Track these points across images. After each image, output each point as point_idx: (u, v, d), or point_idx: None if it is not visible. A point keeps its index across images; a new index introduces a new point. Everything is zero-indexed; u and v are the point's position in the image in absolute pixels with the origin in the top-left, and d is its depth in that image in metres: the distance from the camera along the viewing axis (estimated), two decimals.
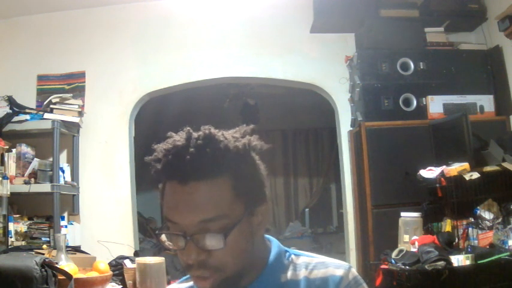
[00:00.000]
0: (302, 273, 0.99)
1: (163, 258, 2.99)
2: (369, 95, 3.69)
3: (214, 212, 0.89)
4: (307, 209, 7.51)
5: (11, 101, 3.76)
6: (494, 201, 3.03)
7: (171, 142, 0.92)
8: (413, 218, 3.17)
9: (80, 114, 3.83)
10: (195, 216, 0.88)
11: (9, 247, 3.17)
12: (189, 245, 0.89)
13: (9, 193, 3.25)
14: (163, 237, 0.96)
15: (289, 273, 1.00)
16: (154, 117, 6.08)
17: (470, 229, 2.98)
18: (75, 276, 2.53)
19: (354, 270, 1.00)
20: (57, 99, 3.75)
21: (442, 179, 3.02)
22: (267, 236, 1.04)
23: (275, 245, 1.03)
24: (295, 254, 1.04)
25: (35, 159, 3.63)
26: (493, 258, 2.72)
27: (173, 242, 0.93)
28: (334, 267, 0.99)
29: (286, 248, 1.05)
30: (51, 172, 3.56)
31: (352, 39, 4.05)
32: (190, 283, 1.06)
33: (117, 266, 3.07)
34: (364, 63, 3.73)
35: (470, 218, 3.03)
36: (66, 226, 3.71)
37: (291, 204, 7.67)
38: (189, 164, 0.88)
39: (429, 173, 3.12)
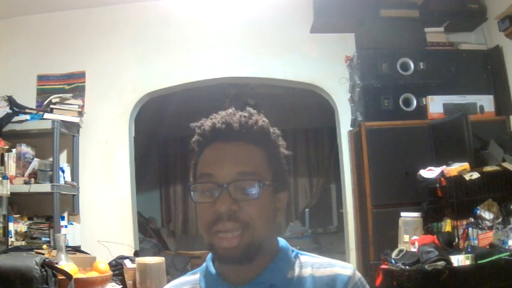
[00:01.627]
0: (308, 271, 1.03)
1: (163, 258, 3.00)
2: (369, 95, 3.69)
3: (251, 166, 0.99)
4: (307, 209, 7.52)
5: (11, 101, 3.76)
6: (494, 201, 3.03)
7: (220, 113, 1.04)
8: (413, 218, 3.17)
9: (80, 114, 3.83)
10: (234, 167, 0.98)
11: (9, 247, 3.17)
12: (223, 193, 0.95)
13: (9, 193, 3.25)
14: (195, 189, 1.00)
15: (296, 270, 1.03)
16: (154, 118, 6.09)
17: (470, 229, 2.98)
18: (75, 276, 2.53)
19: (358, 272, 1.04)
20: (57, 99, 3.76)
21: (442, 179, 3.02)
22: None
23: (283, 241, 1.08)
24: (300, 254, 1.08)
25: (35, 159, 3.63)
26: (493, 258, 2.72)
27: (205, 194, 0.98)
28: (340, 267, 1.03)
29: (292, 248, 1.09)
30: (51, 172, 3.56)
31: (352, 39, 4.05)
32: (196, 276, 1.09)
33: (117, 266, 3.08)
34: (364, 63, 3.73)
35: (470, 218, 3.03)
36: (66, 226, 3.71)
37: (291, 204, 7.67)
38: (234, 127, 1.00)
39: (429, 173, 3.12)
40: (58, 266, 2.55)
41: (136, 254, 3.68)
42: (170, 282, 1.12)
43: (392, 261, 2.94)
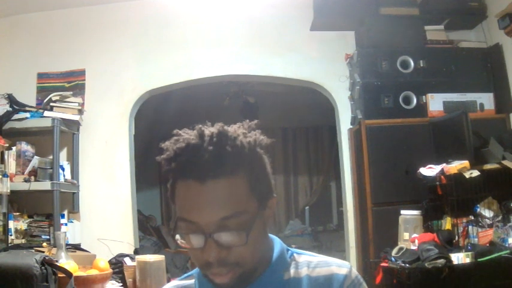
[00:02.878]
0: (304, 271, 1.00)
1: (163, 256, 3.00)
2: (369, 93, 3.69)
3: (233, 208, 0.88)
4: (307, 207, 7.52)
5: (11, 99, 3.76)
6: (494, 199, 3.04)
7: (184, 140, 0.91)
8: (413, 216, 3.17)
9: (80, 112, 3.83)
10: (216, 215, 0.88)
11: (9, 245, 3.17)
12: (209, 243, 0.88)
13: (9, 191, 3.26)
14: (178, 237, 0.93)
15: (292, 271, 1.00)
16: (154, 116, 6.09)
17: (470, 227, 2.98)
18: (75, 274, 2.53)
19: (354, 270, 1.01)
20: (57, 97, 3.75)
21: (442, 177, 3.03)
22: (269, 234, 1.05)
23: (277, 242, 1.04)
24: (296, 253, 1.05)
25: (35, 157, 3.63)
26: (493, 256, 2.72)
27: (190, 242, 0.91)
28: (336, 265, 1.00)
29: (288, 247, 1.06)
30: (51, 170, 3.56)
31: (352, 38, 4.05)
32: (192, 281, 1.06)
33: (117, 264, 3.08)
34: (364, 61, 3.73)
35: (470, 216, 3.03)
36: (66, 224, 3.71)
37: (291, 202, 7.68)
38: (206, 162, 0.87)
39: (429, 171, 3.13)
40: (58, 264, 2.55)
41: (136, 252, 3.68)
42: (164, 286, 1.09)
43: (392, 259, 2.94)
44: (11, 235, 3.34)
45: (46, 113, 3.67)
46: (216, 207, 0.88)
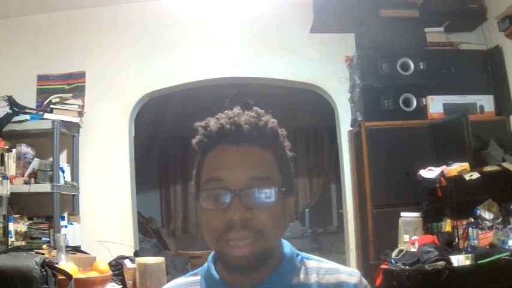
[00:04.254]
0: (313, 278, 1.00)
1: (163, 258, 3.01)
2: (369, 95, 3.69)
3: (264, 171, 0.94)
4: (307, 209, 7.51)
5: (11, 101, 3.76)
6: (494, 201, 3.04)
7: (225, 113, 0.98)
8: (413, 218, 3.17)
9: (80, 114, 3.83)
10: (247, 172, 0.93)
11: (9, 247, 3.17)
12: (236, 200, 0.91)
13: (9, 193, 3.25)
14: (202, 196, 0.95)
15: (301, 276, 1.00)
16: (154, 118, 6.09)
17: (470, 229, 2.98)
18: (75, 276, 2.53)
19: (363, 279, 1.02)
20: (57, 99, 3.76)
21: (442, 179, 3.02)
22: None
23: (287, 245, 1.04)
24: (306, 258, 1.05)
25: (35, 159, 3.63)
26: (493, 258, 2.72)
27: (216, 201, 0.93)
28: (346, 274, 1.00)
29: (297, 251, 1.06)
30: (51, 172, 3.55)
31: (352, 39, 4.05)
32: (197, 278, 1.06)
33: (117, 266, 3.08)
34: (364, 63, 3.73)
35: (470, 218, 3.03)
36: (66, 226, 3.71)
37: None
38: (244, 129, 0.94)
39: (429, 173, 3.12)
40: (58, 266, 2.55)
41: (136, 254, 3.68)
42: (169, 282, 1.09)
43: (392, 261, 2.94)
44: (11, 237, 3.34)
45: (46, 115, 3.67)
46: (247, 166, 0.93)
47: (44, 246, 3.22)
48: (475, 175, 2.95)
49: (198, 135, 0.99)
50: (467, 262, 2.75)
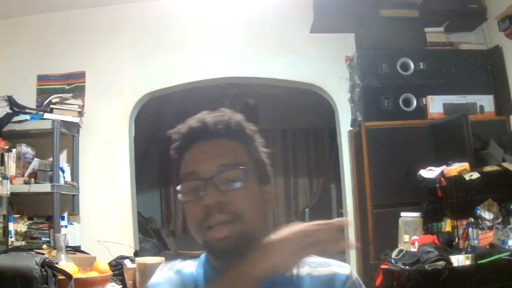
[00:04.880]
0: (306, 270, 1.03)
1: (163, 258, 3.01)
2: (368, 95, 3.69)
3: (232, 158, 1.00)
4: (307, 209, 7.51)
5: (11, 101, 3.76)
6: (494, 201, 3.04)
7: (193, 117, 1.06)
8: (413, 218, 3.17)
9: (80, 114, 3.83)
10: (216, 160, 0.99)
11: (9, 247, 3.17)
12: (210, 187, 0.97)
13: (9, 193, 3.25)
14: (181, 190, 1.02)
15: (294, 270, 1.03)
16: (154, 118, 6.08)
17: (470, 229, 2.98)
18: (75, 276, 2.53)
19: (354, 271, 1.06)
20: (57, 99, 3.76)
21: (442, 179, 3.02)
22: None
23: None
24: None
25: (35, 159, 3.63)
26: (493, 258, 2.72)
27: (192, 192, 0.99)
28: (337, 266, 1.05)
29: None
30: (51, 172, 3.55)
31: (352, 39, 4.05)
32: (194, 266, 1.08)
33: (117, 266, 3.08)
34: (364, 63, 3.73)
35: (470, 218, 3.03)
36: (66, 226, 3.71)
37: (291, 204, 7.66)
38: (210, 125, 1.02)
39: (429, 173, 3.12)
40: (58, 266, 2.56)
41: (136, 254, 3.68)
42: (166, 264, 1.12)
43: (392, 261, 2.94)
44: (11, 237, 3.34)
45: (46, 115, 3.67)
46: (216, 156, 1.00)
47: (44, 246, 3.22)
48: (475, 175, 2.95)
49: (173, 141, 1.06)
50: (467, 262, 2.75)
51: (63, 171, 3.71)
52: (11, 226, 3.37)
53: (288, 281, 1.01)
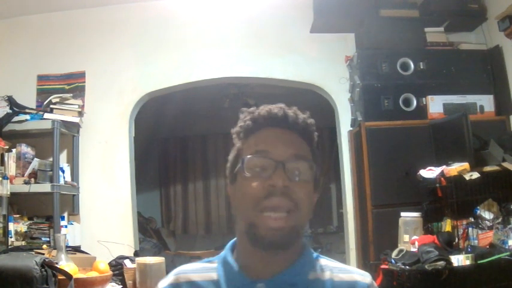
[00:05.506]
0: (327, 275, 1.03)
1: (163, 258, 3.00)
2: (369, 95, 3.69)
3: (305, 152, 1.03)
4: None
5: (11, 101, 3.76)
6: (494, 201, 3.04)
7: (272, 106, 1.07)
8: (413, 218, 3.17)
9: (80, 114, 3.83)
10: (292, 149, 1.01)
11: (9, 247, 3.17)
12: (279, 169, 0.97)
13: (9, 193, 3.25)
14: (247, 165, 1.00)
15: (317, 273, 1.03)
16: (154, 118, 6.09)
17: (470, 229, 2.98)
18: (75, 276, 2.53)
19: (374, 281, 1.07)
20: (57, 99, 3.76)
21: (442, 179, 3.02)
22: None
23: (305, 242, 1.08)
24: (320, 256, 1.08)
25: (35, 159, 3.63)
26: (493, 258, 2.72)
27: (261, 168, 0.99)
28: (358, 274, 1.05)
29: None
30: (51, 172, 3.56)
31: (352, 39, 4.05)
32: (214, 265, 1.06)
33: (117, 266, 3.08)
34: (364, 63, 3.73)
35: (470, 218, 3.03)
36: (66, 226, 3.71)
37: None
38: (290, 117, 1.04)
39: (429, 173, 3.12)
40: (58, 266, 2.55)
41: (136, 254, 3.68)
42: (185, 265, 1.10)
43: (392, 261, 2.94)
44: (11, 237, 3.34)
45: (46, 115, 3.67)
46: (290, 144, 1.02)
47: (44, 246, 3.22)
48: (475, 175, 2.95)
49: (242, 122, 1.06)
50: (467, 262, 2.75)
51: (63, 171, 3.71)
52: (11, 226, 3.37)
53: (310, 283, 1.01)
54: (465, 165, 2.99)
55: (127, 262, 3.08)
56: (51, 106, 3.73)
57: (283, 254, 0.98)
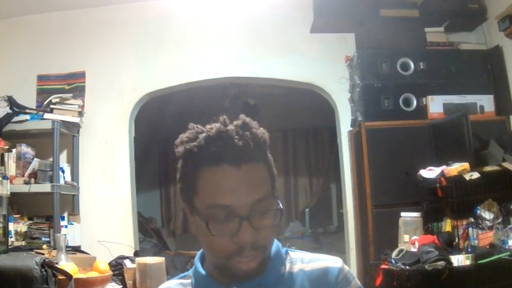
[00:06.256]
0: (298, 266, 1.04)
1: (163, 258, 3.00)
2: (369, 95, 3.69)
3: (263, 191, 0.93)
4: (307, 209, 7.52)
5: (11, 101, 3.76)
6: (494, 201, 3.04)
7: (215, 129, 0.93)
8: (413, 218, 3.17)
9: (80, 114, 3.83)
10: (251, 197, 0.91)
11: (9, 247, 3.17)
12: (244, 226, 0.90)
13: (9, 193, 3.25)
14: (206, 221, 0.92)
15: (288, 266, 1.04)
16: (154, 118, 6.08)
17: (470, 229, 2.98)
18: (75, 276, 2.53)
19: (345, 264, 1.06)
20: (57, 99, 3.76)
21: (442, 178, 3.02)
22: None
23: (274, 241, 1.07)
24: (289, 250, 1.09)
25: (35, 159, 3.63)
26: (493, 258, 2.72)
27: (224, 227, 0.92)
28: (329, 260, 1.05)
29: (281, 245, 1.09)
30: (51, 172, 3.56)
31: (352, 39, 4.05)
32: (188, 281, 1.06)
33: (117, 266, 3.08)
34: (364, 63, 3.73)
35: (471, 218, 3.03)
36: (66, 226, 3.71)
37: (291, 204, 7.67)
38: (241, 148, 0.91)
39: (429, 173, 3.12)
40: (58, 266, 2.55)
41: (137, 254, 3.68)
42: (163, 284, 1.09)
43: (393, 261, 2.94)
44: (11, 237, 3.34)
45: (46, 115, 3.67)
46: (251, 189, 0.92)
47: (44, 246, 3.22)
48: (475, 175, 2.95)
49: (186, 147, 0.96)
50: (468, 262, 2.75)
51: (63, 171, 3.71)
52: (11, 226, 3.37)
53: (280, 278, 1.01)
54: (465, 165, 2.99)
55: (127, 262, 3.08)
56: (51, 106, 3.73)
57: (262, 264, 0.97)
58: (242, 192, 0.91)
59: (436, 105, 3.65)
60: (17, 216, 3.52)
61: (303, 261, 1.05)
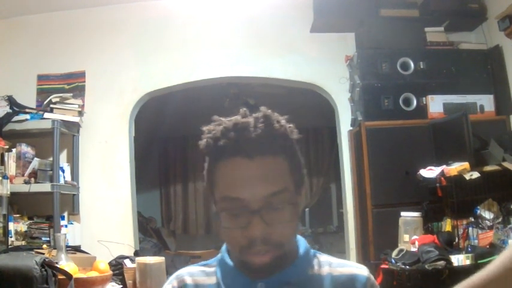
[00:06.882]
0: (326, 270, 1.03)
1: (163, 257, 3.01)
2: (369, 95, 3.69)
3: (279, 185, 0.92)
4: (307, 209, 7.50)
5: (11, 101, 3.76)
6: (494, 201, 3.04)
7: (232, 121, 0.94)
8: (413, 217, 3.17)
9: (80, 113, 3.83)
10: (264, 190, 0.90)
11: (9, 247, 3.17)
12: (256, 220, 0.90)
13: (9, 193, 3.25)
14: (223, 215, 0.94)
15: (315, 268, 1.03)
16: (154, 118, 6.08)
17: (470, 229, 2.98)
18: (75, 275, 2.53)
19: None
20: (57, 99, 3.76)
21: (442, 178, 3.02)
22: None
23: (302, 240, 1.07)
24: (317, 253, 1.08)
25: (35, 158, 3.63)
26: (493, 257, 2.70)
27: (235, 220, 0.92)
28: (356, 267, 1.05)
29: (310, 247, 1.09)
30: (51, 172, 3.55)
31: (352, 39, 4.05)
32: (212, 269, 1.06)
33: (117, 266, 3.08)
34: (364, 63, 3.73)
35: (471, 218, 3.03)
36: (66, 226, 3.71)
37: None
38: (255, 140, 0.91)
39: (429, 172, 3.12)
40: (58, 266, 2.56)
41: (137, 253, 3.68)
42: (184, 269, 1.08)
43: (393, 260, 2.94)
44: (11, 237, 3.34)
45: (46, 115, 3.67)
46: (264, 183, 0.90)
47: (44, 246, 3.22)
48: (475, 175, 2.95)
49: (205, 140, 0.96)
50: (468, 262, 2.75)
51: (63, 171, 3.71)
52: (11, 226, 3.37)
53: (309, 280, 1.01)
54: (465, 165, 2.99)
55: (127, 262, 3.08)
56: (51, 106, 3.73)
57: (280, 260, 0.96)
58: (254, 185, 0.90)
59: (436, 105, 3.65)
60: (17, 215, 3.52)
61: (331, 265, 1.04)
